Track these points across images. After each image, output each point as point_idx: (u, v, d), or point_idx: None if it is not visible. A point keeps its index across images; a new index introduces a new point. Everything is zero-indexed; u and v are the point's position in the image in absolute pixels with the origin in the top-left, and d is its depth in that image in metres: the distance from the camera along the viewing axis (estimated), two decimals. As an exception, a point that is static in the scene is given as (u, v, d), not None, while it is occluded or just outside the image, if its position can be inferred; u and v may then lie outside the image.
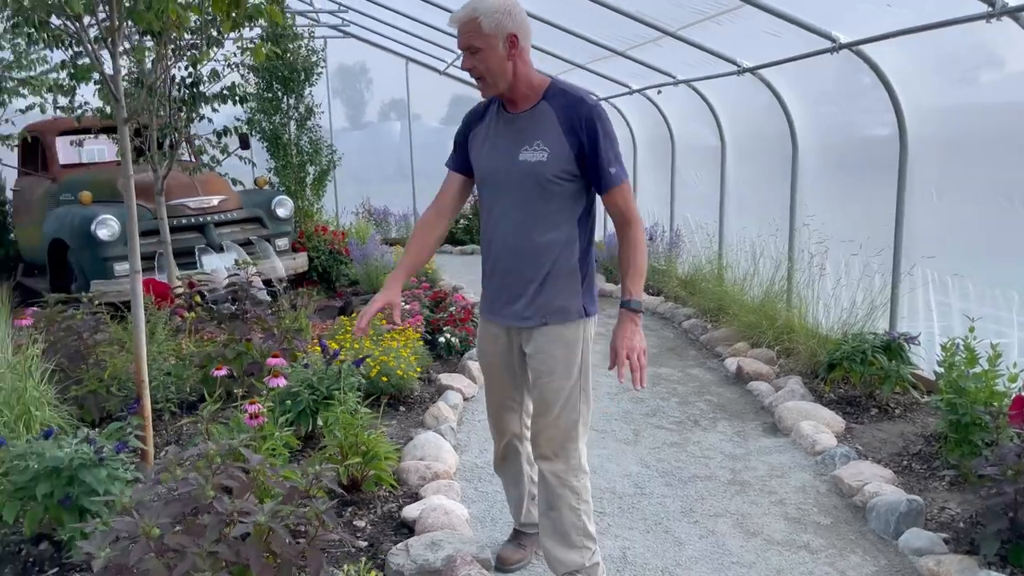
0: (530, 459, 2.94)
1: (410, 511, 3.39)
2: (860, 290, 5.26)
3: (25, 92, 6.29)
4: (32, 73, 6.53)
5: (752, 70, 6.15)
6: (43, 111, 5.70)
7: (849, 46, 4.83)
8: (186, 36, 4.79)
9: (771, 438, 4.38)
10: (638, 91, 8.63)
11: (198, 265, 7.12)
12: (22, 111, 6.62)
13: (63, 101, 5.14)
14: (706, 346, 6.23)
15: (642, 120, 9.53)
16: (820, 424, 4.28)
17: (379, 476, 3.57)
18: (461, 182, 2.79)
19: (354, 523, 3.40)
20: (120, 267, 7.06)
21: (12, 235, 9.19)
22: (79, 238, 6.95)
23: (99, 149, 9.28)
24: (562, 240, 2.60)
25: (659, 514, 3.55)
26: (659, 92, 8.26)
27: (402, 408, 4.82)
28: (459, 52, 2.58)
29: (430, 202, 2.87)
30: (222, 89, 5.20)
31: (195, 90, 5.06)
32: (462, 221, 12.41)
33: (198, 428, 3.59)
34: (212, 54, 4.71)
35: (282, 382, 3.40)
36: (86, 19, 3.45)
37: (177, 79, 5.00)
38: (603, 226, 11.06)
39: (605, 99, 9.83)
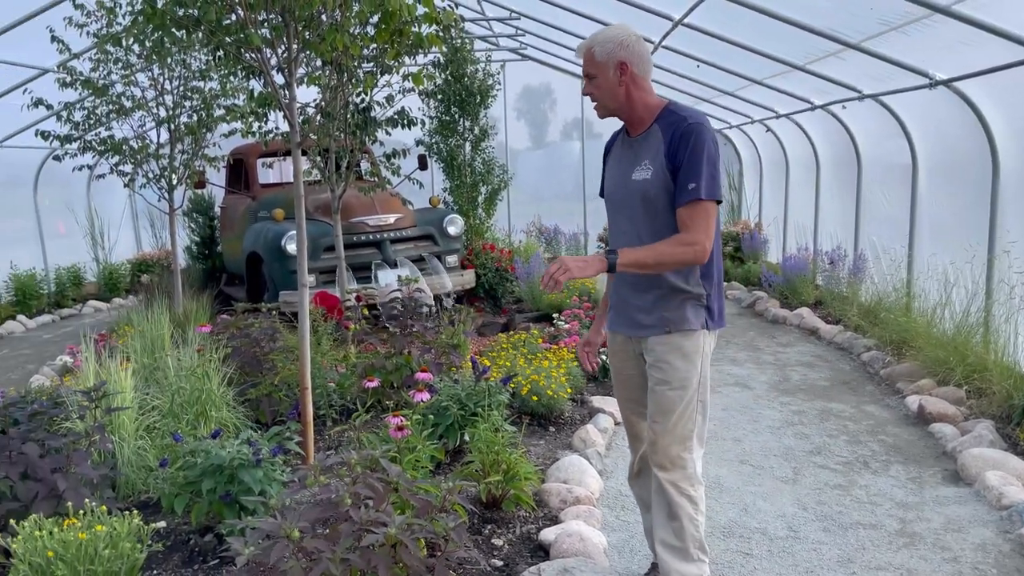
0: None
1: (547, 534, 3.37)
2: (1069, 327, 4.66)
3: (228, 118, 6.93)
4: (237, 101, 7.18)
5: (945, 83, 5.65)
6: (243, 135, 6.26)
7: (1058, 54, 4.31)
8: (364, 65, 5.11)
9: (951, 487, 3.96)
10: (820, 107, 8.17)
11: (373, 280, 7.51)
12: (225, 136, 7.31)
13: (255, 126, 5.60)
14: (885, 381, 5.75)
15: (826, 137, 9.02)
16: (1009, 475, 3.81)
17: (518, 496, 3.57)
18: None
19: (492, 541, 3.42)
20: (308, 279, 7.60)
21: (219, 248, 10.15)
22: (271, 252, 7.55)
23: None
24: None
25: (812, 562, 3.30)
26: (843, 107, 7.78)
27: (551, 428, 4.81)
28: None
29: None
30: (394, 114, 5.48)
31: (367, 115, 5.37)
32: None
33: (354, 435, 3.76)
34: (382, 81, 4.97)
35: (426, 396, 3.49)
36: (268, 51, 3.76)
37: (351, 105, 5.33)
38: (782, 248, 10.58)
39: (786, 115, 9.40)
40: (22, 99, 6.76)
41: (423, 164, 8.86)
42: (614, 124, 2.91)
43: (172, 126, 7.08)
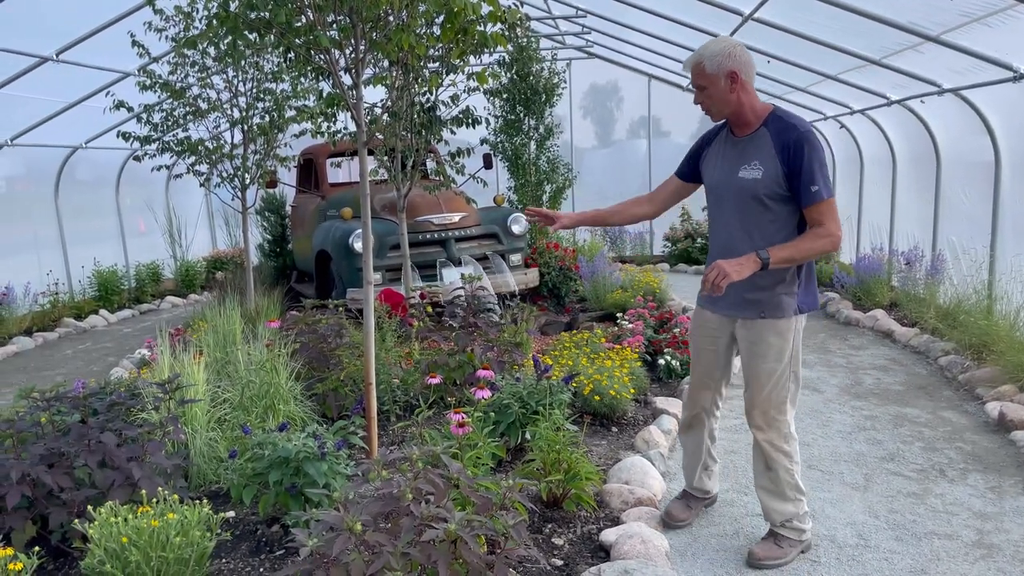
0: (710, 432, 3.50)
1: (608, 535, 3.34)
2: None
3: (298, 119, 7.08)
4: (308, 102, 7.33)
5: (1032, 75, 5.40)
6: (313, 136, 6.39)
7: None
8: (429, 65, 5.15)
9: (1034, 499, 3.78)
10: (897, 102, 7.91)
11: (438, 278, 7.58)
12: (296, 136, 7.47)
13: (324, 126, 5.70)
14: (964, 386, 5.52)
15: (902, 133, 8.72)
16: (1099, 489, 3.62)
17: (579, 496, 3.55)
18: (678, 185, 3.34)
19: (552, 540, 3.41)
20: (373, 277, 7.72)
21: (290, 246, 10.38)
22: (339, 250, 7.69)
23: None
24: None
25: (883, 572, 3.19)
26: (922, 102, 7.52)
27: (614, 429, 4.77)
28: None
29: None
30: (459, 113, 5.52)
31: (432, 114, 5.41)
32: (699, 240, 12.13)
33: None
34: (447, 80, 5.00)
35: (487, 394, 3.50)
36: (336, 52, 3.82)
37: (417, 105, 5.38)
38: (855, 249, 10.27)
39: (860, 111, 9.13)
40: (105, 102, 7.04)
41: (488, 163, 8.90)
42: (684, 121, 3.17)
43: (245, 127, 7.27)
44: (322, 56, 3.79)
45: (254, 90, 7.20)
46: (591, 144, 14.03)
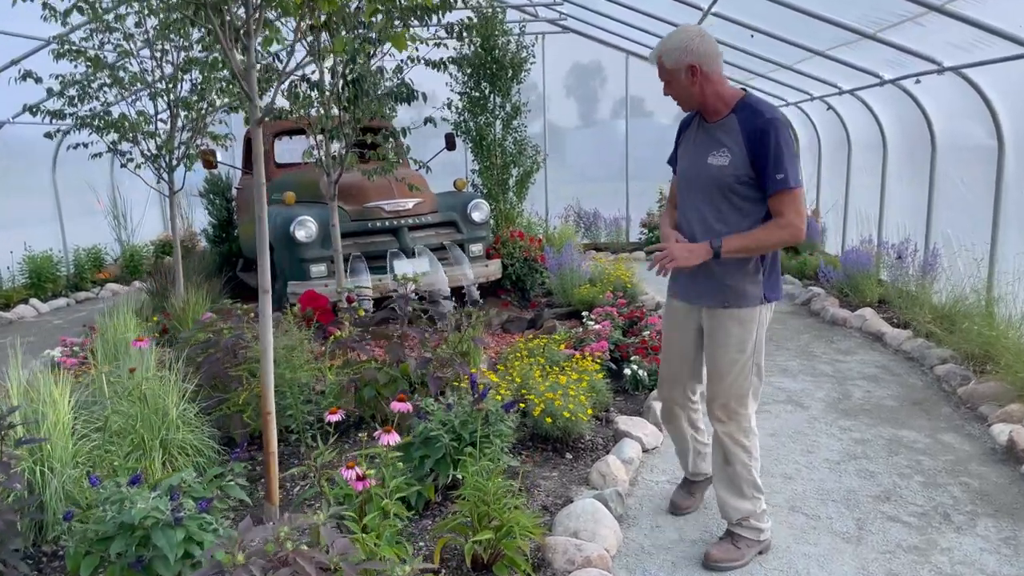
0: (691, 422, 3.41)
1: (545, 612, 2.70)
2: None
3: (223, 93, 6.32)
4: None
5: (1050, 51, 4.76)
6: (235, 112, 5.65)
7: None
8: (359, 31, 4.43)
9: (1059, 556, 3.17)
10: (891, 81, 7.25)
11: (389, 270, 6.89)
12: (227, 112, 6.71)
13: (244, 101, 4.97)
14: (965, 403, 4.91)
15: (895, 116, 8.08)
16: None
17: (512, 560, 2.90)
18: None
19: (478, 614, 2.76)
20: (316, 268, 7.01)
21: (236, 231, 9.60)
22: (280, 238, 6.96)
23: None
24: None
25: (883, 663, 2.57)
26: (917, 81, 6.87)
27: (568, 455, 4.11)
28: None
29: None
30: (395, 87, 4.79)
31: (359, 87, 4.67)
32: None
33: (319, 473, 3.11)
34: (380, 50, 4.28)
35: (395, 439, 2.81)
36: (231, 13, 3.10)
37: (340, 77, 4.64)
38: (841, 239, 9.67)
39: (849, 91, 8.47)
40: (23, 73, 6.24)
41: (451, 144, 8.19)
42: (667, 100, 3.02)
43: (170, 99, 6.49)
44: (205, 12, 3.06)
45: (177, 59, 6.41)
46: (574, 124, 13.34)
